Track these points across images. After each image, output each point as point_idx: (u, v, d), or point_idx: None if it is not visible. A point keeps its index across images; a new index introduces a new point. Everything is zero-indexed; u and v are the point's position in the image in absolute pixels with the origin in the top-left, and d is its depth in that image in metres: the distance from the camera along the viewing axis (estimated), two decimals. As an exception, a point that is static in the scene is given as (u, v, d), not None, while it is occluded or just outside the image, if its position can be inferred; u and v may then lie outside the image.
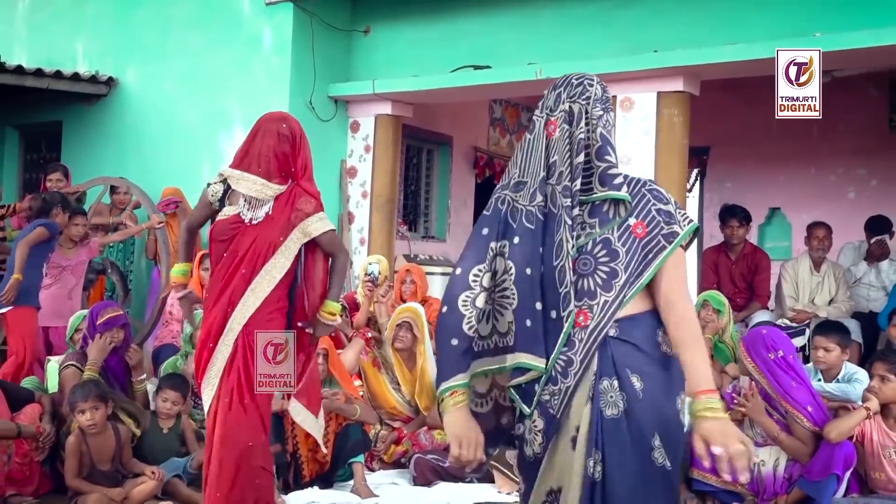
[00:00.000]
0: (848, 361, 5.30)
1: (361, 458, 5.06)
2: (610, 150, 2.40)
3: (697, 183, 10.19)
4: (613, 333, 2.36)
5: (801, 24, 6.10)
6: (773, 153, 9.33)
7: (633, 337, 2.36)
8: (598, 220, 2.38)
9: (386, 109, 8.07)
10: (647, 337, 2.38)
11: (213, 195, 3.88)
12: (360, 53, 8.18)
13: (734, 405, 4.75)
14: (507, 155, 10.51)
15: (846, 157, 9.21)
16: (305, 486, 4.92)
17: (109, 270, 7.74)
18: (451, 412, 2.40)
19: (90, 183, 8.09)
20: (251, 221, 3.79)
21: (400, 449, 5.51)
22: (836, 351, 5.09)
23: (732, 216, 7.36)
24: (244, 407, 3.73)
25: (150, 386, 5.44)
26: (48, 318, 6.48)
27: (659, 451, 2.34)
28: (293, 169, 3.85)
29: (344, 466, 5.03)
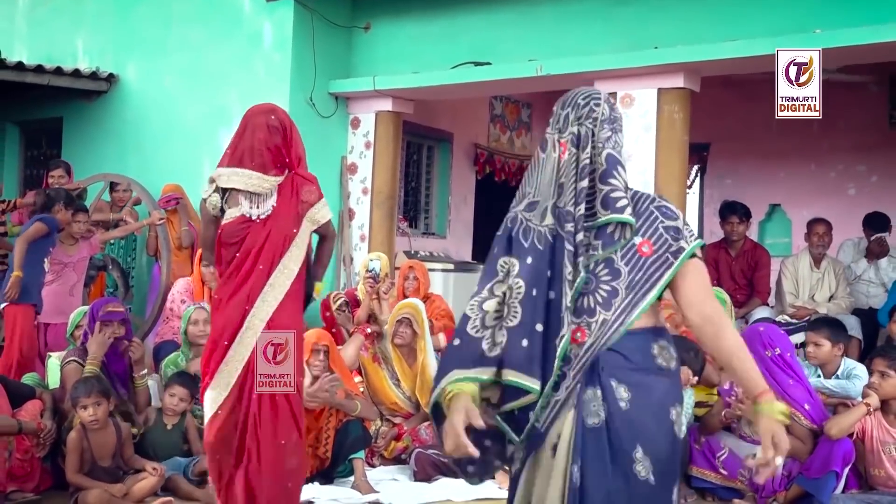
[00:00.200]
0: (848, 358, 5.31)
1: (362, 454, 5.06)
2: (616, 172, 2.40)
3: (698, 179, 10.21)
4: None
5: (801, 20, 6.09)
6: (773, 150, 9.34)
7: (623, 347, 2.35)
8: (601, 242, 2.39)
9: (386, 106, 8.06)
10: (639, 347, 2.37)
11: (213, 207, 3.82)
12: (360, 50, 8.17)
13: (730, 400, 4.77)
14: (507, 151, 10.52)
15: (846, 153, 9.22)
16: (306, 482, 4.91)
17: (110, 267, 7.74)
18: (449, 410, 2.40)
19: (91, 179, 8.08)
20: (259, 218, 3.75)
21: (400, 445, 5.51)
22: (826, 346, 5.10)
23: (732, 213, 7.36)
24: (275, 405, 3.69)
25: (150, 381, 5.45)
26: (50, 314, 6.47)
27: (642, 464, 2.32)
28: (287, 160, 3.80)
29: (344, 462, 5.03)
